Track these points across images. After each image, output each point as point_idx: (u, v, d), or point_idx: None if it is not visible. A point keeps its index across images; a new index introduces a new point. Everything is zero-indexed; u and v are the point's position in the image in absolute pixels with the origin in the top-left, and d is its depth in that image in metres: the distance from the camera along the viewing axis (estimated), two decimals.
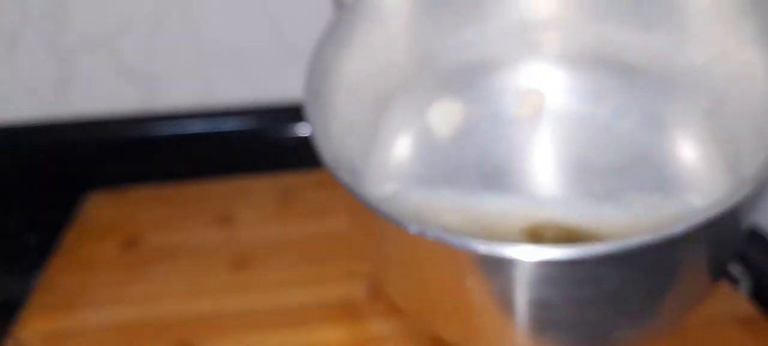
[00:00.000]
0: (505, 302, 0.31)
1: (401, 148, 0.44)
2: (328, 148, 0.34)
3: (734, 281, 0.46)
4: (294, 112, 0.60)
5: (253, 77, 0.62)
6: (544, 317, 0.31)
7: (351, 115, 0.40)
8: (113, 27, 0.58)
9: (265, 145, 0.61)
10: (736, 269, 0.47)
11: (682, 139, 0.41)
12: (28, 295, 0.47)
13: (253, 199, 0.58)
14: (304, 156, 0.42)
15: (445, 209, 0.41)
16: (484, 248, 0.28)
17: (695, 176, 0.41)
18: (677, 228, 0.27)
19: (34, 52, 0.58)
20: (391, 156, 0.44)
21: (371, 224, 0.35)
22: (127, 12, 0.58)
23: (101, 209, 0.58)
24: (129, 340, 0.43)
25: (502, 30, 0.45)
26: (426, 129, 0.45)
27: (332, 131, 0.37)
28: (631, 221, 0.38)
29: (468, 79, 0.45)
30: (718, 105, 0.38)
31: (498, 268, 0.30)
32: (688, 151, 0.41)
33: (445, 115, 0.45)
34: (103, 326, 0.44)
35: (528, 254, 0.28)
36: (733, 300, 0.44)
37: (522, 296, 0.30)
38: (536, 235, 0.39)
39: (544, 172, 0.45)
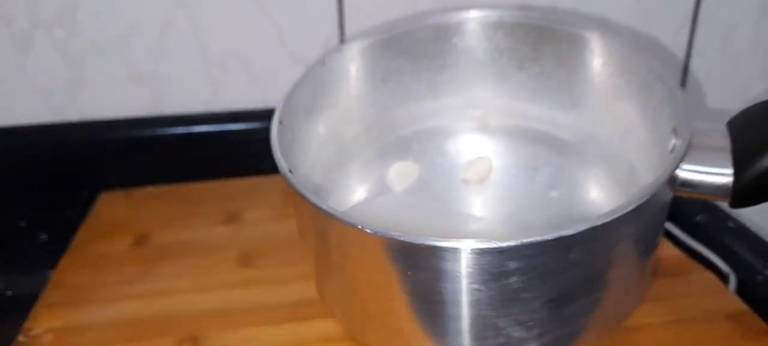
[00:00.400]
0: (421, 297, 0.33)
1: (358, 195, 0.47)
2: (283, 155, 0.36)
3: (723, 277, 0.47)
4: None
5: (258, 81, 0.63)
6: (465, 314, 0.32)
7: (316, 156, 0.44)
8: (123, 31, 0.59)
9: (270, 146, 0.61)
10: (724, 266, 0.48)
11: (605, 200, 0.45)
12: (40, 292, 0.47)
13: (259, 198, 0.59)
14: None
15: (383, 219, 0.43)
16: (399, 236, 0.30)
17: None
18: (570, 229, 0.29)
19: (46, 55, 0.59)
20: (348, 200, 0.47)
21: (311, 223, 0.36)
22: (137, 17, 0.59)
23: (111, 209, 0.58)
24: (138, 334, 0.43)
25: (452, 107, 0.50)
26: (382, 184, 0.48)
27: (299, 165, 0.40)
28: None
29: (422, 144, 0.50)
30: (632, 171, 0.42)
31: (412, 258, 0.31)
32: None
33: (401, 174, 0.48)
34: (112, 322, 0.44)
35: (440, 242, 0.29)
36: (722, 296, 0.45)
37: (437, 289, 0.32)
38: None
39: (486, 226, 0.47)
